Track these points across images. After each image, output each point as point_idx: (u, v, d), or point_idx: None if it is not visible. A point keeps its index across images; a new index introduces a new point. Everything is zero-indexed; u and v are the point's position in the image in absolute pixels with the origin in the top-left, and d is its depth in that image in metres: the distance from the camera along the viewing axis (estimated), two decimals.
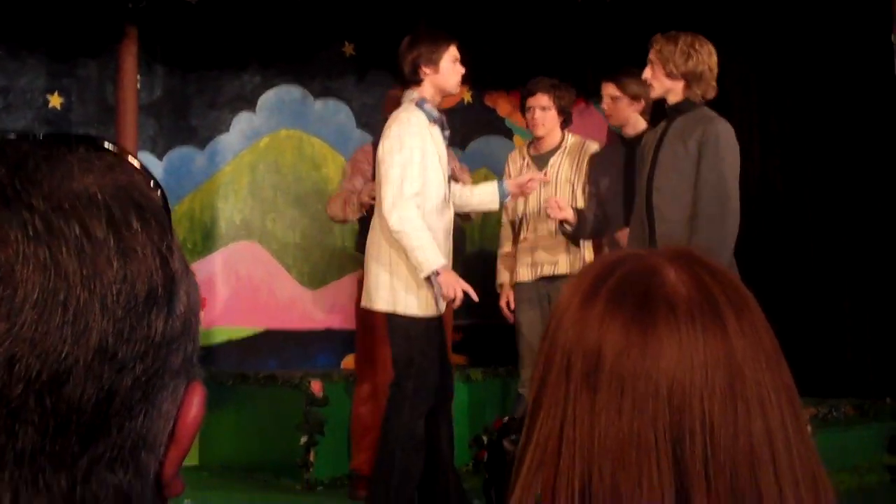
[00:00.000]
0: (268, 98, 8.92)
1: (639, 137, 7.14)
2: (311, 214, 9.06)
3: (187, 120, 8.63)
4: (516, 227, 7.32)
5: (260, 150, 8.91)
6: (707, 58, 5.71)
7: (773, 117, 9.53)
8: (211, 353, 8.57)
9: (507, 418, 1.72)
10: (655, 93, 5.85)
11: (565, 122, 7.38)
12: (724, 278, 1.20)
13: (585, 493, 1.12)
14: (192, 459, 8.35)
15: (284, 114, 8.97)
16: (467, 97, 9.72)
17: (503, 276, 7.44)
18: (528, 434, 1.19)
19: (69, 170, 0.65)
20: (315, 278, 9.07)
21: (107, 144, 0.70)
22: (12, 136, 0.68)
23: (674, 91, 5.74)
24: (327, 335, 9.06)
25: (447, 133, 6.03)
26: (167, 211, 0.70)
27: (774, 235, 9.14)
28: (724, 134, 5.60)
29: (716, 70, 5.81)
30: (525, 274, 7.19)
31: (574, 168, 7.28)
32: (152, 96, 8.47)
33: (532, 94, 7.36)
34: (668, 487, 1.11)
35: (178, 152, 8.61)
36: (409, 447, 5.59)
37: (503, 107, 9.90)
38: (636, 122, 7.11)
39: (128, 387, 0.64)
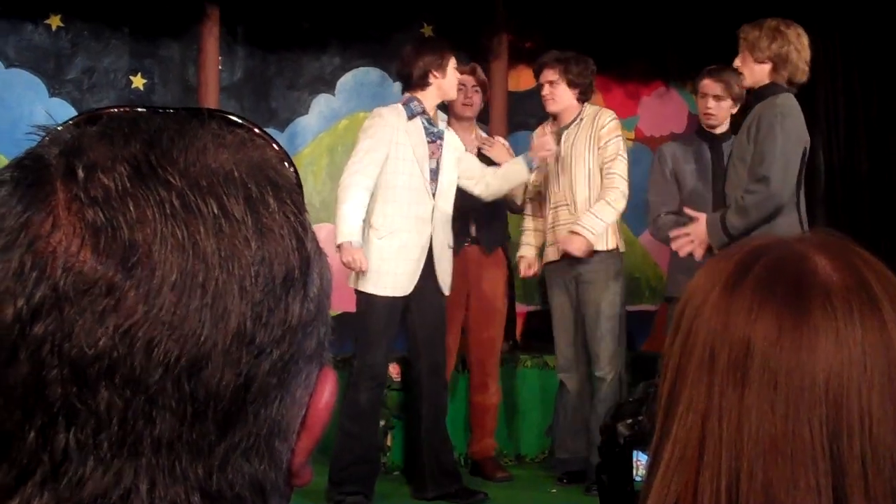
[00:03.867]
0: (347, 80, 8.92)
1: (725, 134, 7.08)
2: None
3: (267, 101, 8.66)
4: (540, 206, 7.46)
5: (339, 132, 8.92)
6: (795, 39, 5.63)
7: (860, 103, 9.35)
8: None
9: (621, 402, 1.68)
10: (747, 81, 5.81)
11: (583, 95, 7.32)
12: (877, 266, 1.14)
13: (732, 491, 1.08)
14: None
15: (363, 96, 8.96)
16: None
17: (523, 250, 7.54)
18: (663, 427, 1.14)
19: (204, 145, 0.63)
20: None
21: (237, 118, 0.68)
22: (144, 110, 0.67)
23: (761, 76, 5.68)
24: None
25: (439, 129, 6.54)
26: (300, 188, 0.68)
27: (859, 222, 8.97)
28: (772, 117, 5.51)
29: (805, 52, 5.72)
30: (553, 253, 7.27)
31: (588, 141, 7.25)
32: (233, 78, 8.51)
33: (541, 69, 7.39)
34: (824, 488, 1.06)
35: None
36: (347, 416, 6.32)
37: None
38: (726, 120, 7.10)
39: (265, 372, 0.62)
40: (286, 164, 0.68)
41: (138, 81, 8.23)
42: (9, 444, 0.59)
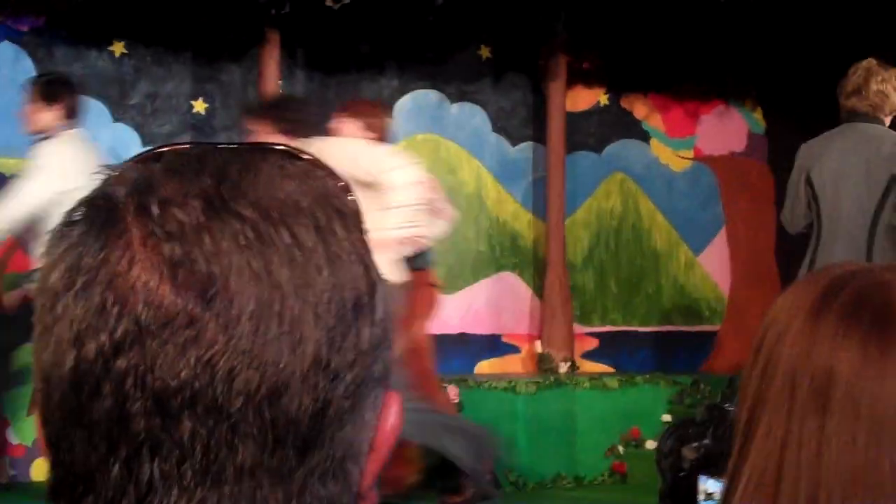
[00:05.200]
0: (405, 102, 8.96)
1: None
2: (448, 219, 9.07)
3: (327, 124, 8.70)
4: None
5: None
6: None
7: None
8: None
9: (684, 424, 1.66)
10: None
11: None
12: None
13: None
14: None
15: (421, 118, 9.00)
16: (603, 99, 9.61)
17: None
18: (741, 453, 1.13)
19: (270, 178, 0.64)
20: (449, 282, 9.08)
21: (298, 151, 0.69)
22: (207, 145, 0.68)
23: None
24: (461, 339, 9.06)
25: None
26: (362, 216, 0.69)
27: None
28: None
29: None
30: None
31: None
32: None
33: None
34: None
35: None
36: None
37: (640, 109, 9.77)
38: None
39: (339, 396, 0.63)
40: (348, 193, 0.69)
41: (199, 106, 8.33)
42: (93, 478, 0.60)
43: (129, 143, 7.66)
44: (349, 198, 0.68)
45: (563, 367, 8.83)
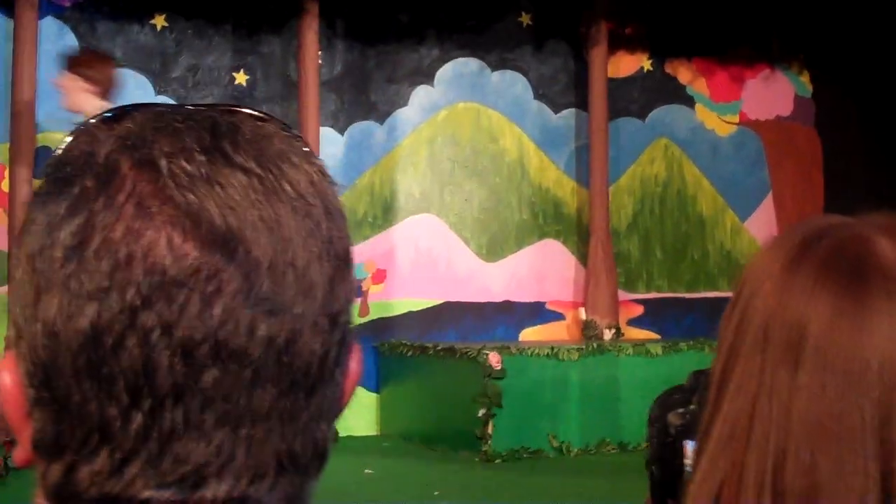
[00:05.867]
0: (445, 71, 8.96)
1: None
2: (489, 187, 9.08)
3: (367, 95, 8.74)
4: None
5: (438, 124, 8.96)
6: None
7: None
8: (391, 325, 8.70)
9: (670, 391, 1.66)
10: None
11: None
12: None
13: (778, 471, 1.07)
14: (371, 429, 8.52)
15: (462, 86, 9.00)
16: (647, 65, 9.54)
17: None
18: (714, 407, 1.13)
19: (256, 134, 0.66)
20: (493, 251, 9.10)
21: (263, 114, 0.70)
22: (173, 105, 0.69)
23: None
24: (506, 307, 9.08)
25: None
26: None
27: None
28: None
29: None
30: None
31: None
32: (333, 72, 8.61)
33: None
34: (871, 472, 1.05)
35: (359, 127, 8.74)
36: None
37: (684, 74, 9.69)
38: None
39: (336, 342, 0.66)
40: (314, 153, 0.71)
41: (240, 78, 8.39)
42: (111, 429, 0.62)
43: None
44: (318, 157, 0.70)
45: (608, 334, 8.82)
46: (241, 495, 0.63)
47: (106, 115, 0.67)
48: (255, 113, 0.69)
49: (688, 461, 1.70)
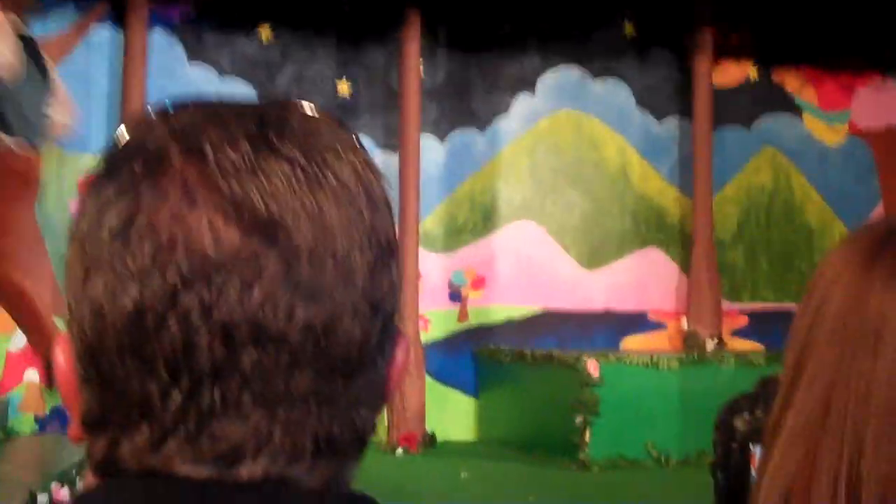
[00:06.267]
0: (547, 79, 8.97)
1: None
2: (591, 195, 9.06)
3: (468, 103, 8.80)
4: None
5: (539, 132, 8.98)
6: None
7: None
8: (490, 332, 8.72)
9: (737, 397, 1.64)
10: None
11: None
12: None
13: (854, 462, 1.07)
14: (469, 434, 8.55)
15: (563, 95, 9.00)
16: (752, 73, 9.42)
17: None
18: (786, 398, 1.13)
19: (304, 125, 0.68)
20: (594, 258, 9.07)
21: (311, 106, 0.73)
22: (229, 101, 0.71)
23: None
24: (606, 316, 9.03)
25: None
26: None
27: None
28: None
29: None
30: None
31: None
32: (435, 81, 8.69)
33: None
34: None
35: (460, 135, 8.80)
36: None
37: (791, 82, 9.54)
38: None
39: (378, 328, 0.67)
40: (361, 144, 0.73)
41: (343, 87, 8.53)
42: (151, 406, 0.64)
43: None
44: (365, 149, 0.72)
45: (710, 345, 8.70)
46: (278, 476, 0.65)
47: (161, 107, 0.70)
48: (307, 107, 0.72)
49: (754, 467, 1.68)
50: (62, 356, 0.69)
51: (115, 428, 0.66)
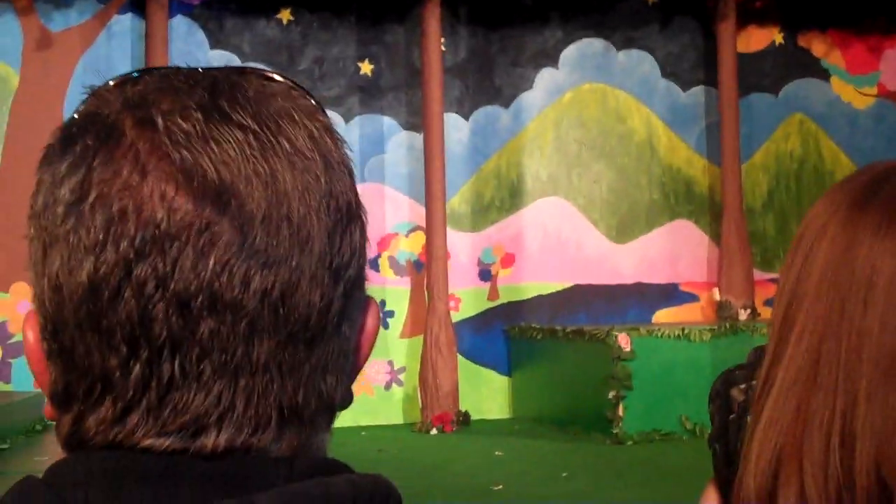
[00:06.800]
0: (570, 52, 8.91)
1: None
2: (618, 168, 9.00)
3: (491, 79, 8.75)
4: None
5: (563, 106, 8.92)
6: None
7: None
8: (521, 309, 8.70)
9: (732, 368, 1.62)
10: None
11: None
12: None
13: (848, 412, 1.05)
14: (503, 412, 8.54)
15: (587, 67, 8.93)
16: (778, 38, 9.31)
17: None
18: (775, 354, 1.10)
19: (259, 92, 0.67)
20: (623, 232, 9.02)
21: (275, 73, 0.71)
22: (188, 68, 0.70)
23: None
24: (638, 289, 8.99)
25: None
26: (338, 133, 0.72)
27: None
28: None
29: None
30: None
31: None
32: (457, 58, 8.65)
33: None
34: None
35: (484, 111, 8.76)
36: None
37: (818, 46, 9.43)
38: None
39: (340, 294, 0.66)
40: (323, 111, 0.71)
41: (366, 67, 8.50)
42: (112, 379, 0.63)
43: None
44: (326, 114, 0.71)
45: (743, 315, 8.66)
46: (244, 445, 0.64)
47: (119, 78, 0.69)
48: (265, 72, 0.70)
49: None
50: (31, 333, 0.68)
51: (80, 402, 0.65)
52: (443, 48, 8.32)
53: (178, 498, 0.61)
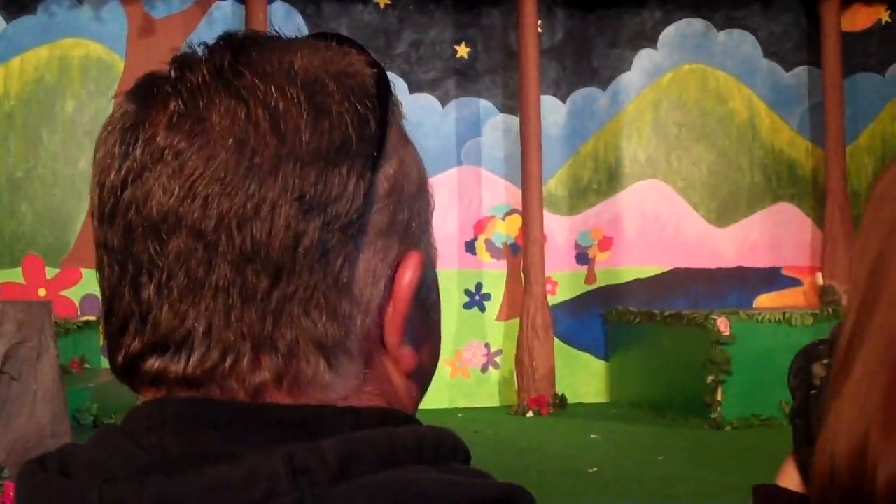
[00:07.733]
0: (669, 33, 8.80)
1: None
2: (718, 150, 8.87)
3: (589, 61, 8.69)
4: None
5: (662, 87, 8.82)
6: None
7: None
8: (619, 292, 8.63)
9: (814, 343, 1.59)
10: None
11: None
12: None
13: None
14: (600, 396, 8.49)
15: (686, 48, 8.81)
16: (885, 16, 9.08)
17: None
18: (858, 324, 1.08)
19: (284, 53, 0.70)
20: (723, 215, 8.89)
21: (347, 38, 0.73)
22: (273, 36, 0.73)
23: None
24: (738, 273, 8.86)
25: None
26: (379, 87, 0.71)
27: None
28: None
29: None
30: None
31: None
32: (553, 40, 8.60)
33: None
34: None
35: (581, 94, 8.70)
36: None
37: None
38: None
39: (317, 229, 0.67)
40: (374, 69, 0.72)
41: (462, 51, 8.50)
42: (114, 301, 0.70)
43: (397, 92, 7.88)
44: (369, 70, 0.71)
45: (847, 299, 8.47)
46: (214, 367, 0.67)
47: (222, 37, 0.73)
48: (340, 37, 0.73)
49: None
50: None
51: (105, 322, 0.72)
52: (539, 30, 8.28)
53: (248, 444, 0.63)
